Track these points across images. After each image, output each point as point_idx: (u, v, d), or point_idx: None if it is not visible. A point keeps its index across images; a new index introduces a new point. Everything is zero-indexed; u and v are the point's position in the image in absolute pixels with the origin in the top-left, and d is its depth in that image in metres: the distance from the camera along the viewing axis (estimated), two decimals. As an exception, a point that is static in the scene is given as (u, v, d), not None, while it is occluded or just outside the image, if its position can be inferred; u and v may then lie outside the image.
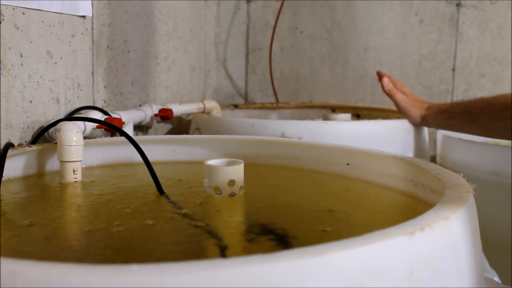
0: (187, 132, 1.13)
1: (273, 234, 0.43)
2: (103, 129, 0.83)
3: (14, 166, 0.58)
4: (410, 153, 0.99)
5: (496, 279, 0.60)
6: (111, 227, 0.45)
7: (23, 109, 0.70)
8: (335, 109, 1.35)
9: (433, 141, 1.32)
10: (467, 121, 0.91)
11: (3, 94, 0.66)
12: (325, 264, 0.26)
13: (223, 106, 1.25)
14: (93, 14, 0.84)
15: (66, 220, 0.48)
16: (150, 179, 0.56)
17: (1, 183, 0.50)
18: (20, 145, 0.68)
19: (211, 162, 0.54)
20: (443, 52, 1.37)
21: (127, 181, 0.62)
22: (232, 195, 0.53)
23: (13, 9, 0.66)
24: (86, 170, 0.64)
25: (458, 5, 1.35)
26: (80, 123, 0.71)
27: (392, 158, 0.55)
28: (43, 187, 0.58)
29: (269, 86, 1.49)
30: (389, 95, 1.03)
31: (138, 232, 0.44)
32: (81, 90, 0.82)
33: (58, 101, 0.77)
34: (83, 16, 0.82)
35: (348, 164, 0.60)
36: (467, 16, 1.35)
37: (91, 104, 0.86)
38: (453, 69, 1.37)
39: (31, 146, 0.61)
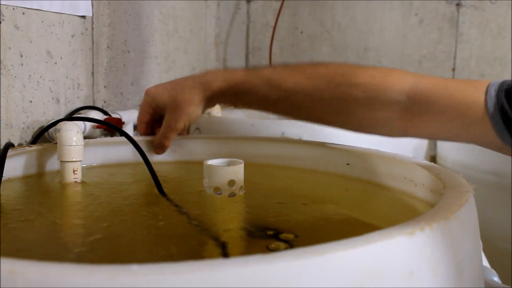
0: (187, 132, 1.13)
1: (273, 234, 0.43)
2: (103, 129, 0.83)
3: (14, 166, 0.58)
4: (410, 153, 0.99)
5: (496, 279, 0.60)
6: (111, 227, 0.45)
7: (23, 109, 0.70)
8: (335, 109, 1.34)
9: (433, 141, 1.32)
10: (275, 98, 0.64)
11: (3, 94, 0.66)
12: (325, 264, 0.26)
13: (223, 106, 1.25)
14: (93, 14, 0.84)
15: (66, 220, 0.48)
16: (150, 179, 0.56)
17: (1, 183, 0.50)
18: (20, 145, 0.68)
19: (211, 162, 0.54)
20: (443, 52, 1.37)
21: (127, 181, 0.61)
22: (232, 195, 0.53)
23: (13, 9, 0.66)
24: (86, 170, 0.64)
25: (458, 5, 1.35)
26: (80, 123, 0.71)
27: (392, 158, 0.55)
28: (43, 187, 0.58)
29: (269, 86, 1.49)
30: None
31: (138, 232, 0.44)
32: (81, 90, 0.82)
33: (58, 101, 0.77)
34: (83, 16, 0.82)
35: (348, 164, 0.60)
36: (467, 16, 1.35)
37: (91, 104, 0.86)
38: (453, 69, 1.37)
39: (31, 146, 0.61)
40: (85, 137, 0.63)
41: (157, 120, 0.70)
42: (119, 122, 0.82)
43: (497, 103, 0.55)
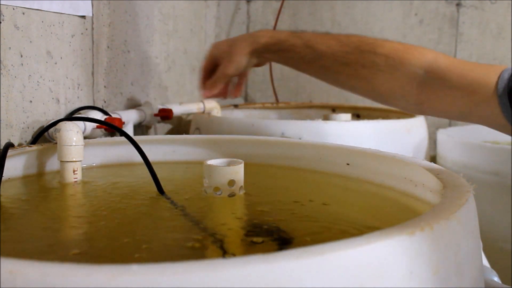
0: (187, 132, 1.13)
1: (273, 234, 0.43)
2: (103, 129, 0.83)
3: (14, 166, 0.58)
4: (410, 153, 0.99)
5: (496, 279, 0.60)
6: (110, 226, 0.45)
7: (23, 109, 0.70)
8: (335, 109, 1.35)
9: (433, 141, 1.32)
10: (309, 58, 0.71)
11: (3, 94, 0.66)
12: (325, 264, 0.26)
13: (223, 106, 1.25)
14: (93, 14, 0.84)
15: (66, 220, 0.48)
16: (150, 179, 0.56)
17: (1, 183, 0.50)
18: (20, 145, 0.68)
19: (211, 162, 0.54)
20: (443, 52, 1.37)
21: (127, 181, 0.62)
22: (232, 195, 0.53)
23: (13, 9, 0.66)
24: (86, 170, 0.64)
25: (458, 5, 1.35)
26: (80, 123, 0.71)
27: (392, 158, 0.55)
28: (43, 187, 0.58)
29: (269, 86, 1.49)
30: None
31: (138, 231, 0.44)
32: (81, 90, 0.82)
33: (58, 101, 0.77)
34: (83, 16, 0.82)
35: (348, 164, 0.60)
36: (467, 16, 1.35)
37: (91, 104, 0.86)
38: (453, 69, 1.37)
39: (31, 146, 0.61)
40: (85, 137, 0.63)
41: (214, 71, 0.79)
42: (119, 122, 0.82)
43: (507, 85, 0.58)
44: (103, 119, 0.78)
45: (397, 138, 0.97)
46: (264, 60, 0.79)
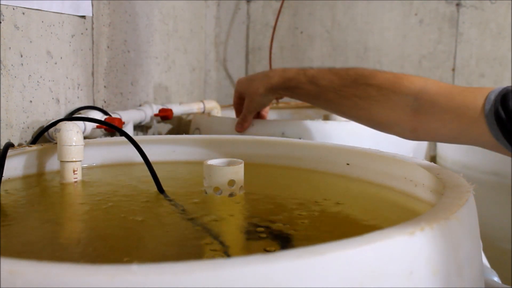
0: (187, 132, 1.13)
1: (273, 234, 0.43)
2: (103, 129, 0.83)
3: (14, 166, 0.58)
4: (410, 153, 0.99)
5: (496, 279, 0.60)
6: (111, 226, 0.45)
7: (23, 109, 0.70)
8: (335, 109, 1.34)
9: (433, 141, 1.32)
10: (314, 93, 0.78)
11: (3, 94, 0.66)
12: (325, 264, 0.26)
13: (223, 106, 1.25)
14: (93, 14, 0.84)
15: (65, 220, 0.48)
16: (150, 179, 0.56)
17: (1, 183, 0.50)
18: (20, 145, 0.68)
19: (211, 162, 0.54)
20: (443, 52, 1.37)
21: (127, 181, 0.62)
22: (232, 195, 0.53)
23: (13, 9, 0.66)
24: (86, 170, 0.64)
25: (458, 5, 1.35)
26: (80, 123, 0.71)
27: (392, 158, 0.55)
28: (43, 187, 0.58)
29: (269, 86, 1.49)
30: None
31: (138, 231, 0.44)
32: (81, 90, 0.82)
33: (58, 101, 0.77)
34: (83, 16, 0.82)
35: (348, 164, 0.60)
36: (467, 16, 1.35)
37: (91, 104, 0.86)
38: (453, 69, 1.37)
39: (31, 146, 0.61)
40: (85, 137, 0.63)
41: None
42: (119, 122, 0.82)
43: (493, 105, 0.60)
44: (103, 119, 0.78)
45: (397, 138, 0.97)
46: (279, 95, 0.87)
